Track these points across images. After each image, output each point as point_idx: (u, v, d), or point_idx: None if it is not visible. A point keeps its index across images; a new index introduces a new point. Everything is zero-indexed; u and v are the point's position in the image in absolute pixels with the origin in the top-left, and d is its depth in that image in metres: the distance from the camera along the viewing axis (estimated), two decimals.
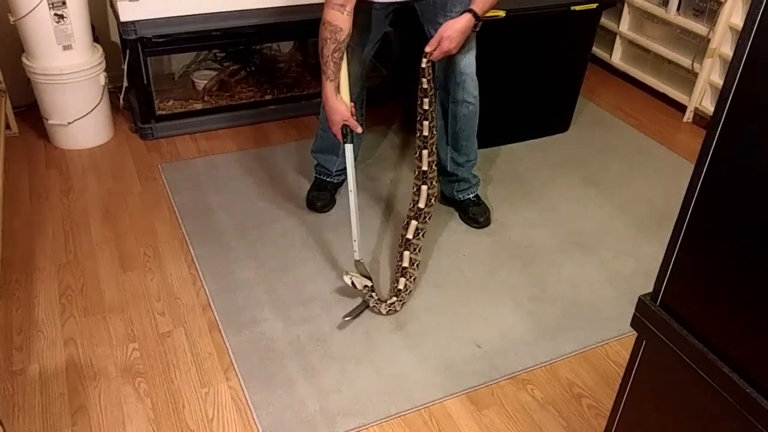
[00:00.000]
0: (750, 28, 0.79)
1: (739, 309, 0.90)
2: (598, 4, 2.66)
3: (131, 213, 2.39)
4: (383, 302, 1.97)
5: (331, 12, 1.88)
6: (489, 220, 2.38)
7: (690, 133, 3.08)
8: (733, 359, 0.92)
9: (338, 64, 1.94)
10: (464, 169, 2.35)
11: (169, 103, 2.92)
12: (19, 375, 1.78)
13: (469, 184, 2.39)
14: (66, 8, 2.47)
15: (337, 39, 1.89)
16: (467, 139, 2.30)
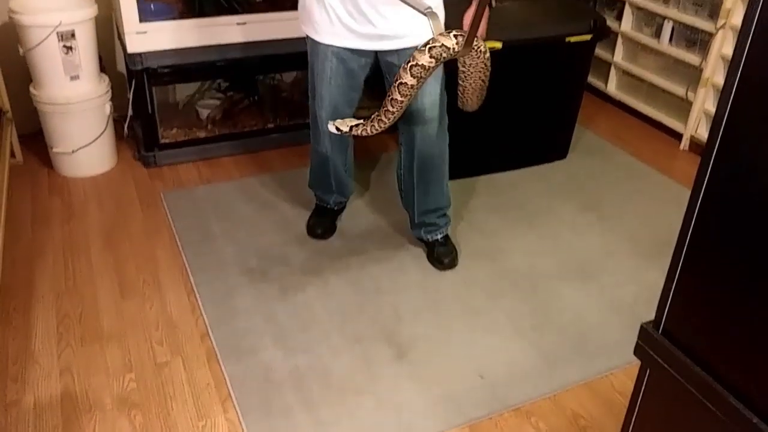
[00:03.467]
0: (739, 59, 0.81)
1: (742, 335, 0.90)
2: (592, 36, 2.71)
3: (132, 240, 2.40)
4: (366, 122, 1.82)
5: None
6: (455, 261, 2.30)
7: (687, 161, 3.10)
8: (738, 388, 0.91)
9: None
10: (432, 216, 2.29)
11: (172, 132, 2.95)
12: (14, 406, 1.76)
13: (437, 226, 2.31)
14: (75, 40, 2.51)
15: None
16: (436, 186, 2.24)
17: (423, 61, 1.58)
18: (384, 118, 1.71)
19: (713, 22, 2.95)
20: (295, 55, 2.81)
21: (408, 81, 1.61)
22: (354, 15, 1.91)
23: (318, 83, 2.08)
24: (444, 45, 1.57)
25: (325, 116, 2.09)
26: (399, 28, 1.92)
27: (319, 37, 1.99)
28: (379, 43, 1.96)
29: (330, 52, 2.00)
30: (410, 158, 2.21)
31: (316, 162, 2.35)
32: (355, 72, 2.05)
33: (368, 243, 2.43)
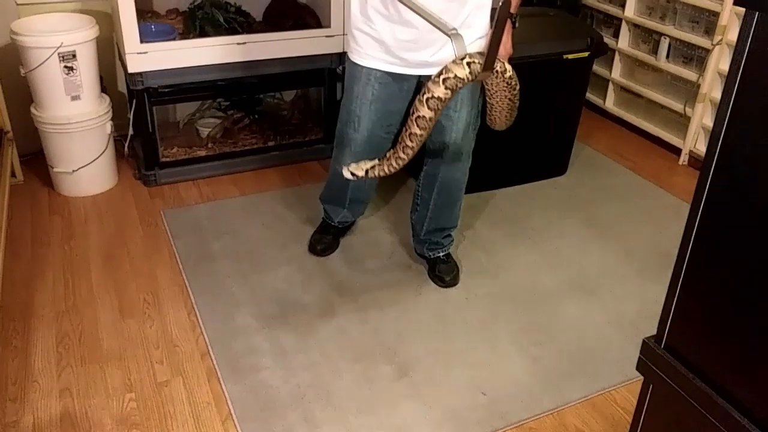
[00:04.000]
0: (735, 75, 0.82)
1: (744, 349, 0.90)
2: (589, 53, 2.73)
3: (132, 259, 2.40)
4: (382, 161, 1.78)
5: None
6: (456, 279, 2.30)
7: (686, 176, 3.11)
8: (741, 402, 0.91)
9: None
10: (438, 235, 2.30)
11: (173, 150, 2.96)
12: (12, 427, 1.75)
13: (441, 245, 2.32)
14: (76, 60, 2.53)
15: None
16: (450, 210, 2.27)
17: (439, 93, 1.57)
18: (402, 154, 1.69)
19: (709, 38, 2.98)
20: (295, 74, 2.85)
21: (426, 114, 1.60)
22: (402, 41, 1.91)
23: (357, 107, 2.06)
24: (457, 76, 1.56)
25: (360, 138, 2.09)
26: (444, 55, 1.91)
27: (363, 60, 1.99)
28: (423, 69, 1.95)
29: (373, 76, 2.00)
30: (432, 180, 2.21)
31: (336, 179, 2.29)
32: (396, 97, 2.04)
33: (369, 261, 2.42)
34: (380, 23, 1.91)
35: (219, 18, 2.82)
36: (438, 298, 2.26)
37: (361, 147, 2.11)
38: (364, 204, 2.43)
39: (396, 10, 1.87)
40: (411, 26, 1.88)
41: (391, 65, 1.97)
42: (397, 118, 2.10)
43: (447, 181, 2.19)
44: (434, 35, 1.86)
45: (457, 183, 2.21)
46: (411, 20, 1.86)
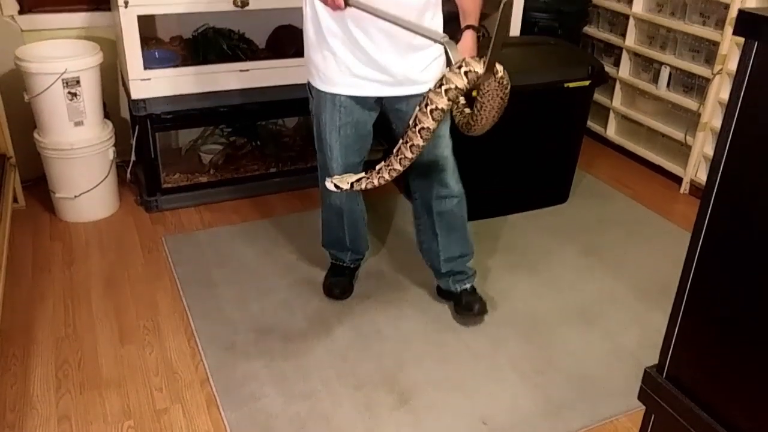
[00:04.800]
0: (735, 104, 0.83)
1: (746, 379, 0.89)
2: (590, 82, 2.75)
3: (133, 285, 2.39)
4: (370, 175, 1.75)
5: None
6: (484, 308, 2.23)
7: (687, 204, 3.11)
8: None
9: None
10: (459, 263, 2.23)
11: (175, 176, 2.97)
12: None
13: (466, 275, 2.25)
14: (80, 86, 2.56)
15: None
16: (458, 232, 2.19)
17: (442, 105, 1.56)
18: (399, 165, 1.66)
19: (710, 67, 3.00)
20: (297, 101, 2.86)
21: (430, 125, 1.58)
22: (363, 61, 1.89)
23: (327, 134, 2.04)
24: (458, 87, 1.55)
25: (336, 167, 2.06)
26: (409, 74, 1.91)
27: (326, 86, 1.96)
28: (389, 89, 1.94)
29: (337, 102, 1.98)
30: (428, 207, 2.15)
31: (329, 217, 2.28)
32: (363, 120, 2.03)
33: (370, 288, 2.41)
34: (337, 46, 1.88)
35: (222, 45, 2.85)
36: (439, 325, 2.24)
37: None
38: (366, 235, 2.37)
39: (351, 32, 1.85)
40: (367, 47, 1.86)
41: (355, 88, 1.94)
42: (368, 139, 2.09)
43: (444, 204, 2.14)
44: (396, 54, 1.86)
45: (455, 205, 2.15)
46: (365, 43, 1.85)
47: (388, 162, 1.68)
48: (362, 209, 2.26)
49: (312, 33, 1.94)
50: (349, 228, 2.27)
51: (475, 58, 1.56)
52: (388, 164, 1.68)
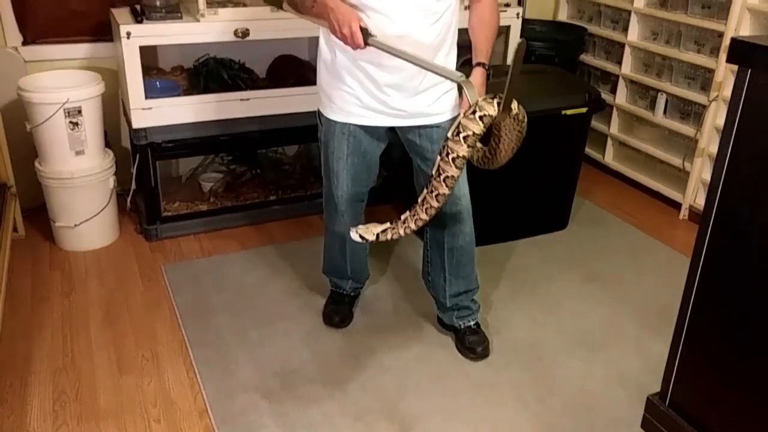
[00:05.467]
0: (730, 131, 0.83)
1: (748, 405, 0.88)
2: (587, 109, 2.77)
3: (132, 314, 2.38)
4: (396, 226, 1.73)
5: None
6: (487, 351, 2.20)
7: (686, 230, 3.11)
8: None
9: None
10: (464, 298, 2.22)
11: (175, 205, 2.98)
12: None
13: (470, 311, 2.23)
14: (81, 116, 2.58)
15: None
16: (465, 268, 2.18)
17: (463, 152, 1.57)
18: (425, 215, 1.66)
19: (706, 94, 3.03)
20: (297, 129, 2.89)
21: (454, 173, 1.60)
22: (374, 96, 1.91)
23: (334, 163, 2.05)
24: (474, 133, 1.56)
25: (341, 195, 2.08)
26: (420, 108, 1.93)
27: (335, 115, 1.98)
28: (397, 120, 1.95)
29: (346, 130, 1.99)
30: (439, 242, 2.14)
31: (332, 245, 2.28)
32: (371, 149, 2.04)
33: (370, 316, 2.40)
34: (350, 80, 1.91)
35: (223, 75, 2.88)
36: (439, 353, 2.22)
37: (345, 206, 2.10)
38: (367, 265, 2.37)
39: (365, 69, 1.87)
40: (380, 84, 1.88)
41: (365, 118, 1.96)
42: (375, 169, 2.10)
43: (456, 242, 2.13)
44: (408, 89, 1.87)
45: (467, 242, 2.14)
46: (378, 80, 1.87)
47: (414, 212, 1.68)
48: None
49: (325, 65, 1.97)
50: (351, 256, 2.27)
51: (488, 99, 1.57)
52: (413, 214, 1.68)
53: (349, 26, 1.67)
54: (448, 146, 1.58)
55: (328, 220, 2.24)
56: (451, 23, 1.89)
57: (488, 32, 1.88)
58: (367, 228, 1.73)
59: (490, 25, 1.88)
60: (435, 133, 1.97)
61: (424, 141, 1.98)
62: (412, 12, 1.78)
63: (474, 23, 1.89)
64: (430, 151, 1.99)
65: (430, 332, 2.33)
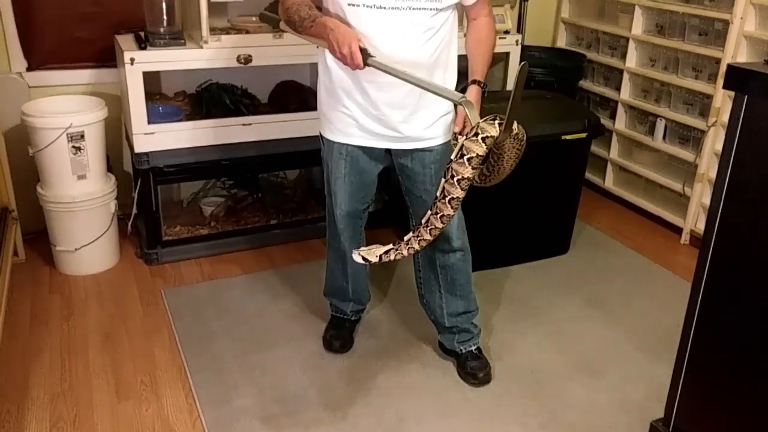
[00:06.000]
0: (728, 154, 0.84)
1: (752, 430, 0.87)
2: (587, 134, 2.79)
3: (131, 339, 2.37)
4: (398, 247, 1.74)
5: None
6: (489, 376, 2.18)
7: (688, 255, 3.10)
8: None
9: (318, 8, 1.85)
10: (463, 320, 2.20)
11: (175, 229, 2.98)
12: None
13: (471, 334, 2.21)
14: (84, 141, 2.59)
15: (305, 2, 1.82)
16: (462, 288, 2.16)
17: (468, 174, 1.59)
18: (428, 236, 1.67)
19: (704, 119, 3.05)
20: (298, 154, 2.91)
21: (459, 195, 1.61)
22: (372, 118, 1.92)
23: (332, 181, 2.08)
24: (478, 155, 1.57)
25: (340, 213, 2.10)
26: (415, 131, 1.94)
27: (333, 136, 2.00)
28: (393, 143, 1.97)
29: (344, 150, 2.01)
30: (431, 259, 2.14)
31: (334, 264, 2.28)
32: (369, 170, 2.06)
33: (370, 341, 2.39)
34: (348, 102, 1.93)
35: (225, 100, 2.91)
36: (440, 378, 2.21)
37: (343, 223, 2.12)
38: (367, 288, 2.37)
39: (364, 90, 1.88)
40: (378, 105, 1.90)
41: (362, 139, 1.97)
42: (372, 188, 2.12)
43: (447, 262, 2.14)
44: (406, 112, 1.89)
45: (459, 263, 2.14)
46: (376, 101, 1.89)
47: (417, 233, 1.69)
48: None
49: (325, 87, 1.99)
50: (352, 276, 2.27)
51: (489, 121, 1.59)
52: (417, 235, 1.70)
53: (349, 46, 1.68)
54: (452, 168, 1.60)
55: (330, 238, 2.25)
56: (448, 42, 1.91)
57: (484, 51, 1.89)
58: (369, 250, 1.74)
59: (486, 44, 1.90)
60: (427, 157, 1.99)
61: (416, 165, 2.00)
62: (409, 28, 1.80)
63: (470, 42, 1.92)
64: (421, 174, 2.00)
65: (431, 357, 2.31)
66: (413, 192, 2.07)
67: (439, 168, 1.97)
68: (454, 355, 2.26)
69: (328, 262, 2.31)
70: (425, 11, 1.80)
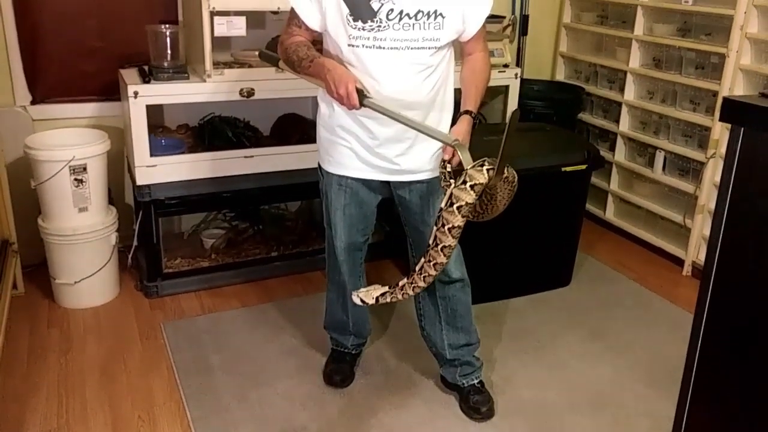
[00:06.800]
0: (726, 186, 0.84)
1: None
2: (587, 166, 2.80)
3: (129, 374, 2.34)
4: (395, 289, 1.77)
5: (291, 34, 1.89)
6: (492, 411, 2.15)
7: (690, 287, 3.08)
8: None
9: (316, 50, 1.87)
10: (465, 352, 2.18)
11: (176, 261, 2.97)
12: None
13: (473, 367, 2.19)
14: (86, 173, 2.61)
15: (303, 42, 1.86)
16: (463, 319, 2.15)
17: (458, 222, 1.61)
18: (422, 283, 1.70)
19: (703, 151, 3.06)
20: (300, 186, 2.92)
21: (451, 243, 1.63)
22: (371, 152, 1.94)
23: (332, 213, 2.08)
24: (468, 203, 1.59)
25: (340, 245, 2.10)
26: (414, 164, 1.95)
27: (333, 168, 2.01)
28: (392, 175, 1.98)
29: (343, 183, 2.02)
30: (430, 291, 2.12)
31: (333, 297, 2.27)
32: (368, 201, 2.07)
33: (371, 376, 2.36)
34: (347, 137, 1.95)
35: (228, 132, 2.93)
36: (442, 413, 2.17)
37: (343, 255, 2.12)
38: (368, 321, 2.35)
39: (362, 126, 1.90)
40: (376, 140, 1.91)
41: (360, 172, 1.98)
42: (371, 219, 2.12)
43: (448, 296, 2.13)
44: (404, 146, 1.91)
45: (460, 296, 2.13)
46: (374, 136, 1.90)
47: (412, 279, 1.71)
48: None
49: (324, 121, 2.01)
50: (352, 309, 2.25)
51: (477, 167, 1.61)
52: (411, 281, 1.72)
53: (346, 87, 1.70)
54: (443, 217, 1.61)
55: (329, 271, 2.24)
56: (446, 79, 1.93)
57: (478, 82, 1.91)
58: (367, 291, 1.77)
59: (481, 77, 1.92)
60: (425, 189, 2.00)
61: (413, 196, 2.01)
62: (408, 67, 1.82)
63: (465, 74, 1.94)
64: (418, 206, 2.01)
65: (433, 392, 2.28)
66: (411, 223, 2.08)
67: (436, 200, 1.97)
68: (457, 389, 2.23)
69: (328, 295, 2.30)
70: (424, 50, 1.82)
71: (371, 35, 1.78)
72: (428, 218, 2.00)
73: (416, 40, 1.79)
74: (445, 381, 2.27)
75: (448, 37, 1.84)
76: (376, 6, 1.76)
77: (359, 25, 1.77)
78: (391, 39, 1.78)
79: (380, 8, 1.76)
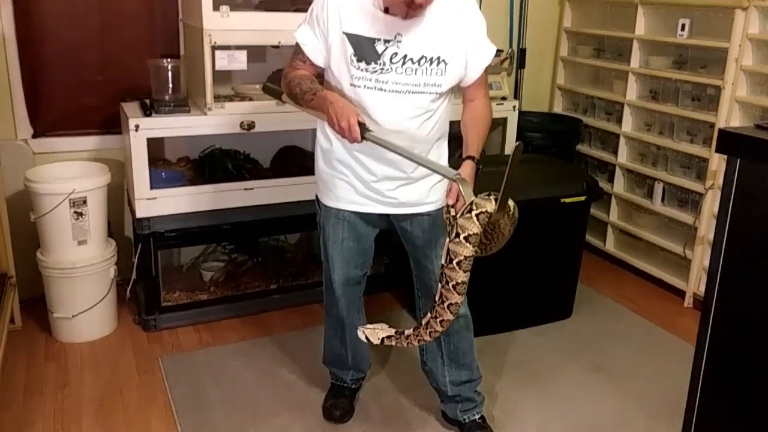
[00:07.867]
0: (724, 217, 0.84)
1: None
2: (585, 197, 2.81)
3: (126, 409, 2.31)
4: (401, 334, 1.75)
5: (294, 67, 1.90)
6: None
7: (692, 318, 3.06)
8: None
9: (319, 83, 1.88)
10: (467, 388, 2.16)
11: (175, 294, 2.96)
12: None
13: (475, 403, 2.17)
14: (86, 206, 2.61)
15: (306, 75, 1.88)
16: (466, 356, 2.13)
17: (467, 252, 1.58)
18: (428, 337, 1.69)
19: (701, 182, 3.07)
20: (299, 218, 2.92)
21: (464, 279, 1.61)
22: (369, 186, 1.94)
23: (329, 246, 2.07)
24: (475, 234, 1.58)
25: (337, 279, 2.08)
26: (414, 197, 1.95)
27: (331, 201, 2.01)
28: (392, 208, 1.97)
29: (341, 216, 2.02)
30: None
31: (332, 331, 2.25)
32: (366, 234, 2.06)
33: (371, 410, 2.33)
34: (345, 171, 1.95)
35: (228, 165, 2.94)
36: None
37: (341, 290, 2.10)
38: (367, 355, 2.32)
39: (360, 160, 1.91)
40: (375, 175, 1.92)
41: (359, 206, 1.98)
42: (370, 253, 2.12)
43: (451, 329, 2.03)
44: (402, 182, 1.91)
45: (462, 333, 2.10)
46: (373, 171, 1.91)
47: (417, 333, 1.71)
48: (363, 322, 2.22)
49: (322, 154, 2.02)
50: (351, 343, 2.22)
51: (483, 196, 1.60)
52: (417, 334, 1.71)
53: (347, 120, 1.70)
54: (450, 251, 1.59)
55: (327, 305, 2.22)
56: (445, 119, 1.95)
57: (480, 128, 1.92)
58: (373, 330, 1.75)
59: (483, 123, 1.93)
60: (426, 222, 1.99)
61: (415, 229, 2.00)
62: (408, 110, 1.84)
63: (466, 121, 1.93)
64: (420, 238, 2.01)
65: (434, 427, 2.25)
66: (414, 256, 2.07)
67: (440, 235, 1.96)
68: (458, 424, 2.19)
69: (326, 330, 2.28)
70: (425, 95, 1.83)
71: (374, 77, 1.80)
72: (430, 252, 1.99)
73: (418, 85, 1.81)
74: (446, 416, 2.24)
75: (450, 83, 1.86)
76: (380, 48, 1.78)
77: (362, 66, 1.79)
78: (393, 82, 1.79)
79: (384, 51, 1.78)
